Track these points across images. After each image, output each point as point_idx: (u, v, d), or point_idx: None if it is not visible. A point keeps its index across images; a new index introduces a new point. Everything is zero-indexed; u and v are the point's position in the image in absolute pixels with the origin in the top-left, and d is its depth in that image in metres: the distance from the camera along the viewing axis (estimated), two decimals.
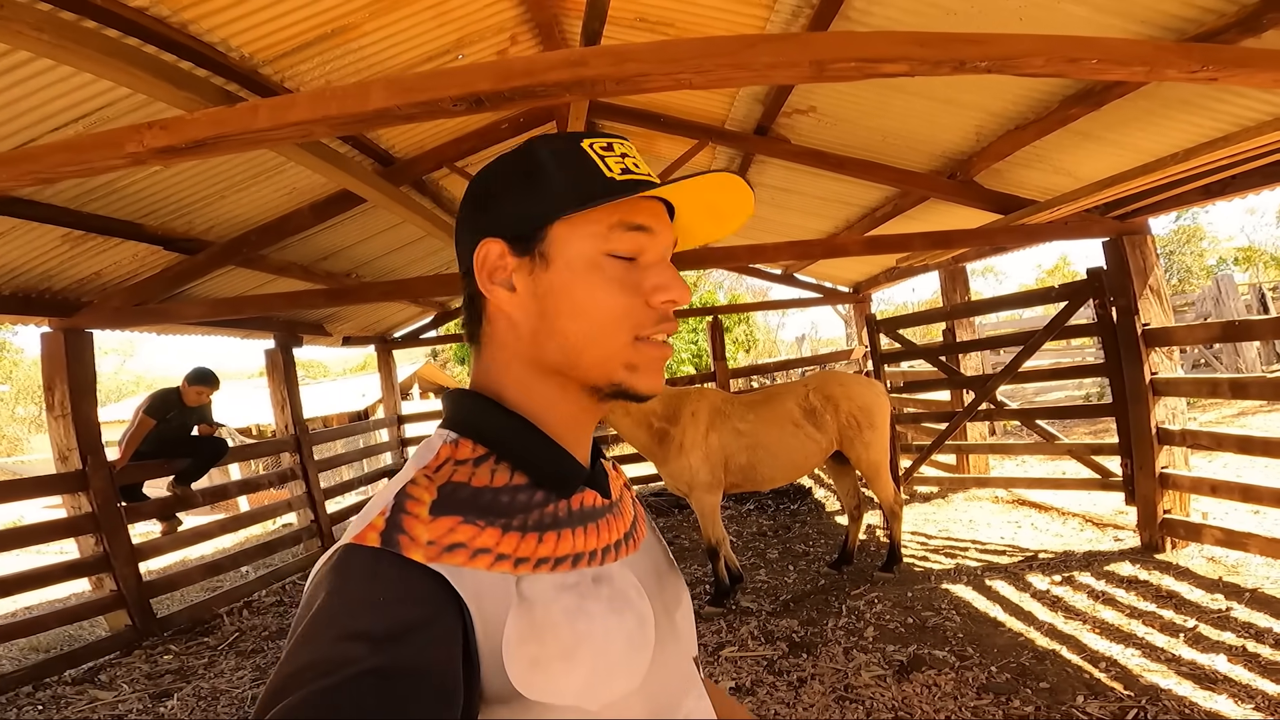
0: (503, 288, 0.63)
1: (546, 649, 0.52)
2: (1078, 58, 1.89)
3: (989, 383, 5.50)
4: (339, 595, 0.48)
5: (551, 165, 0.62)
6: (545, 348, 0.62)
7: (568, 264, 0.61)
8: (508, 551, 0.54)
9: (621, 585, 0.60)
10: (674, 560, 0.74)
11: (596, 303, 0.60)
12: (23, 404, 23.38)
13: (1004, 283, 28.25)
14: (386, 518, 0.52)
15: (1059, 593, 3.70)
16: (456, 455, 0.59)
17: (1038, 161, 4.08)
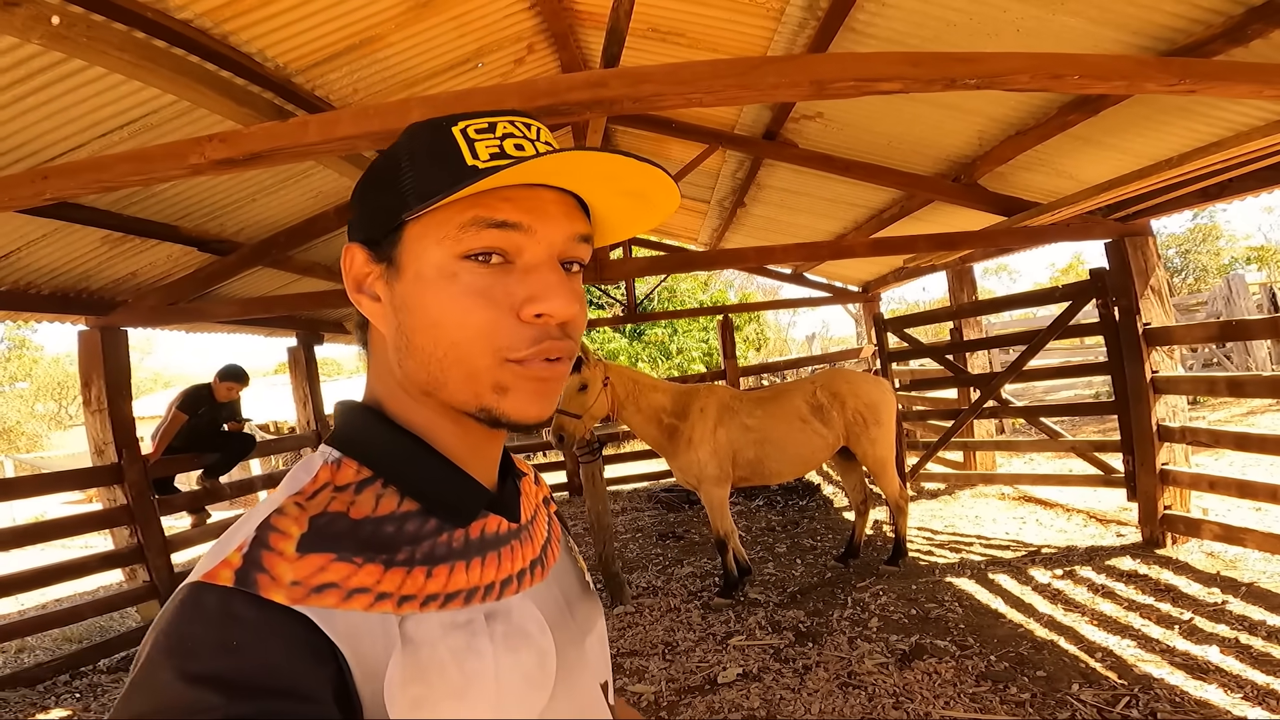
0: (368, 297, 0.57)
1: (433, 690, 0.47)
2: (1061, 74, 2.03)
3: (994, 381, 5.59)
4: (183, 637, 0.43)
5: (407, 158, 0.54)
6: (405, 364, 0.55)
7: (418, 273, 0.53)
8: (390, 590, 0.49)
9: (520, 620, 0.55)
10: (589, 583, 0.70)
11: (447, 319, 0.52)
12: (42, 401, 23.78)
13: (1018, 281, 28.27)
14: (244, 553, 0.46)
15: (1060, 586, 3.81)
16: (336, 480, 0.53)
17: (1040, 165, 4.18)
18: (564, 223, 0.54)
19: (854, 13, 2.97)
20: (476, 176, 0.49)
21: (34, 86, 2.44)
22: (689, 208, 7.29)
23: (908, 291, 26.60)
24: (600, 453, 4.40)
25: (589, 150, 0.50)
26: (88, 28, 1.53)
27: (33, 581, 4.16)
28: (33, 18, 1.40)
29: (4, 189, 1.97)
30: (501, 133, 0.54)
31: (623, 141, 5.80)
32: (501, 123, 0.55)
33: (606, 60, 2.08)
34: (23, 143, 2.80)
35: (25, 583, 4.12)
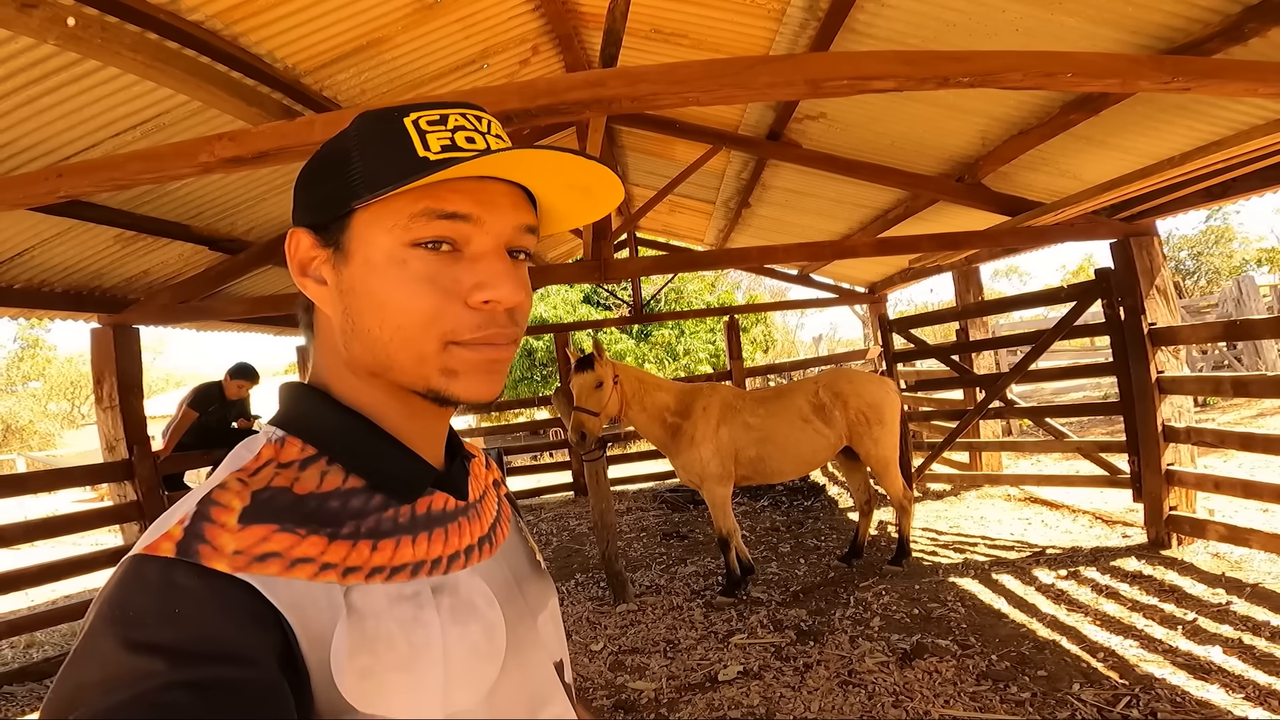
0: (314, 280, 0.58)
1: (380, 661, 0.48)
2: (1054, 72, 2.04)
3: (1000, 381, 5.59)
4: (124, 607, 0.43)
5: (356, 146, 0.55)
6: (352, 347, 0.56)
7: (366, 259, 0.54)
8: (334, 561, 0.49)
9: (467, 594, 0.56)
10: (540, 562, 0.71)
11: (397, 303, 0.53)
12: (55, 400, 24.05)
13: (1028, 283, 28.07)
14: (185, 526, 0.46)
15: (1063, 587, 3.80)
16: (280, 457, 0.54)
17: (1043, 165, 4.18)
18: (511, 214, 0.56)
19: (854, 13, 2.99)
20: (428, 168, 0.51)
21: (49, 86, 2.50)
22: (695, 208, 7.32)
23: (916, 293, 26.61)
24: (605, 451, 4.42)
25: (538, 149, 0.52)
26: (102, 29, 1.57)
27: (41, 577, 4.20)
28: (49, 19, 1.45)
29: (20, 187, 2.02)
30: (453, 125, 0.55)
31: (628, 142, 5.83)
32: (453, 114, 0.56)
33: (604, 60, 2.11)
34: (39, 141, 2.86)
35: (34, 578, 4.15)
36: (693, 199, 6.96)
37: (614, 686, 3.22)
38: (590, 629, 3.97)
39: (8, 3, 1.40)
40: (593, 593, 4.61)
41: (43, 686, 3.92)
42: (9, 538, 4.01)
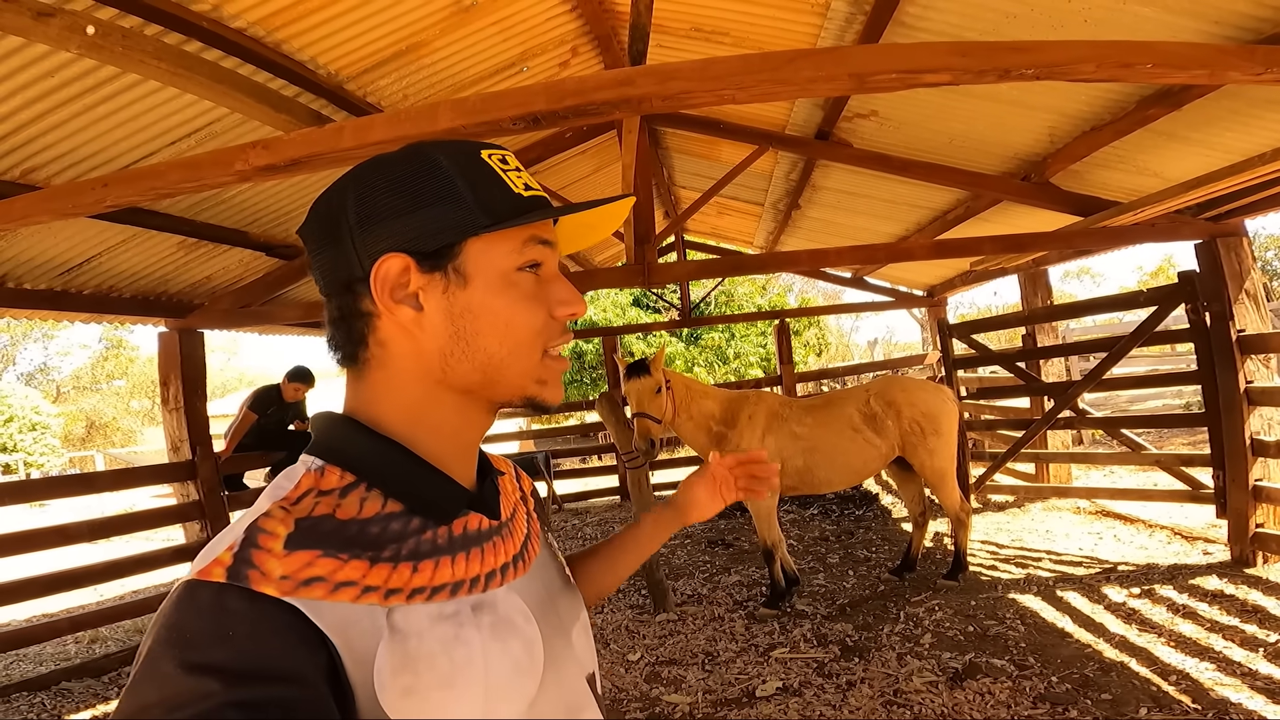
0: (407, 306, 0.59)
1: (421, 679, 0.50)
2: (1131, 63, 1.87)
3: (1070, 390, 5.29)
4: (181, 630, 0.45)
5: (459, 178, 0.59)
6: (459, 368, 0.60)
7: (488, 282, 0.59)
8: (376, 584, 0.52)
9: (506, 611, 0.58)
10: (570, 577, 0.74)
11: (517, 320, 0.60)
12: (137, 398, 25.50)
13: (1101, 285, 26.67)
14: (234, 552, 0.49)
15: (1136, 605, 3.57)
16: (321, 485, 0.56)
17: (1119, 162, 3.93)
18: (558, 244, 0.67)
19: (904, 5, 2.85)
20: (532, 205, 0.61)
21: (103, 95, 2.59)
22: (743, 210, 7.19)
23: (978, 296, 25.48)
24: (652, 457, 4.36)
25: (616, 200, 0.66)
26: (123, 36, 1.60)
27: (108, 573, 4.36)
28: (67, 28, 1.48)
29: (68, 196, 2.09)
30: (513, 165, 0.64)
31: (672, 143, 5.77)
32: (507, 156, 0.64)
33: (633, 58, 2.05)
34: (98, 150, 2.98)
35: (100, 574, 4.31)
36: (741, 201, 6.84)
37: (648, 699, 3.15)
38: (629, 638, 3.91)
39: (23, 12, 1.43)
40: (633, 600, 4.55)
41: (100, 683, 4.03)
42: (75, 535, 4.17)
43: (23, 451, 18.25)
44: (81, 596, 5.78)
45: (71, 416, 23.44)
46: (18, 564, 4.37)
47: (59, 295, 4.06)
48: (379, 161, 0.61)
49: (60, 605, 5.55)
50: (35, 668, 4.32)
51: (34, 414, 19.21)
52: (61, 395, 25.07)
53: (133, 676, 0.45)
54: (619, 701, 3.16)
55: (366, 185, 0.60)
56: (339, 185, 0.61)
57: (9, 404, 18.73)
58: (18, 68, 2.33)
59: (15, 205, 2.22)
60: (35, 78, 2.40)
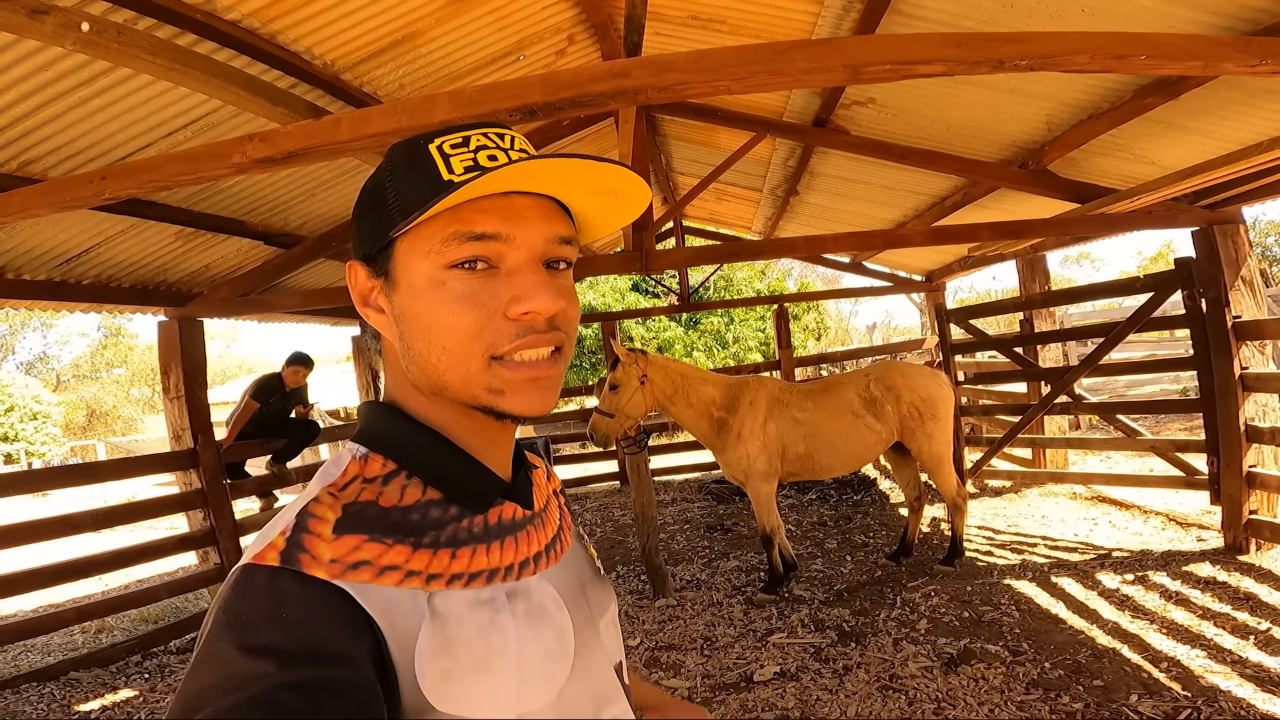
0: (374, 310, 0.61)
1: (459, 663, 0.52)
2: (1125, 54, 1.88)
3: (1067, 375, 5.31)
4: (239, 613, 0.47)
5: (390, 177, 0.58)
6: (410, 370, 0.60)
7: (410, 284, 0.57)
8: (418, 568, 0.53)
9: (539, 599, 0.59)
10: (600, 569, 0.74)
11: (440, 324, 0.56)
12: (137, 386, 25.54)
13: (1100, 270, 26.59)
14: (287, 537, 0.51)
15: (1129, 592, 3.61)
16: (365, 472, 0.58)
17: (1117, 150, 3.92)
18: (541, 226, 0.58)
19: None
20: (450, 190, 0.53)
21: (99, 88, 2.59)
22: (742, 196, 7.18)
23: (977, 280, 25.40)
24: (645, 445, 4.39)
25: (548, 157, 0.54)
26: (118, 33, 1.60)
27: (113, 563, 4.36)
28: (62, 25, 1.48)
29: (66, 189, 2.09)
30: (475, 145, 0.58)
31: (670, 130, 5.75)
32: (475, 135, 0.58)
33: (628, 49, 2.05)
34: (95, 142, 2.98)
35: (105, 564, 4.32)
36: (739, 187, 6.83)
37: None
38: (628, 623, 3.95)
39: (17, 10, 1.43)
40: (633, 586, 4.60)
41: (108, 673, 4.03)
42: (80, 525, 4.16)
43: (24, 441, 18.29)
44: (87, 586, 5.78)
45: (72, 405, 23.49)
46: (23, 554, 4.38)
47: (59, 286, 4.06)
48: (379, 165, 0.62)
49: (66, 595, 5.56)
50: (43, 658, 4.33)
51: (34, 403, 19.23)
52: (62, 384, 25.12)
53: (194, 658, 0.46)
54: None
55: (362, 191, 0.62)
56: None
57: (9, 393, 18.75)
58: (13, 61, 2.33)
59: (13, 199, 2.22)
60: (31, 70, 2.39)
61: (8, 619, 4.80)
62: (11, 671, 4.06)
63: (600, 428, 4.08)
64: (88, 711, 3.50)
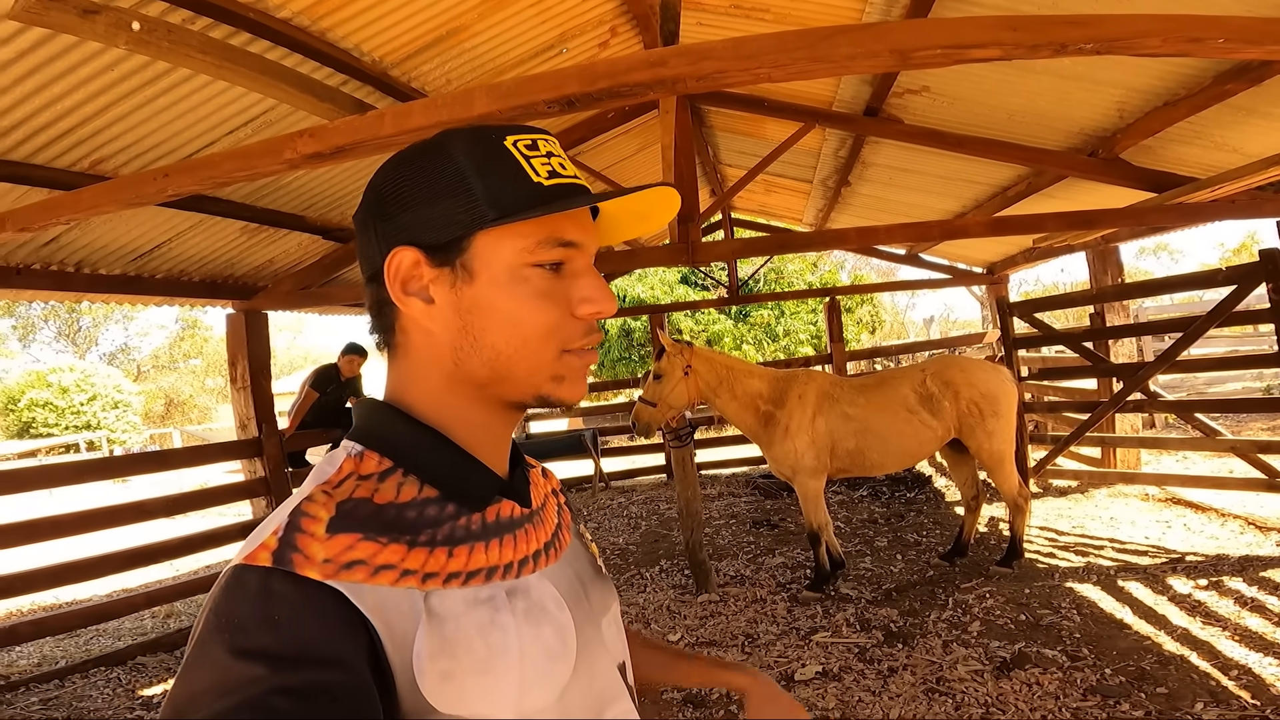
0: (418, 299, 0.60)
1: (459, 663, 0.51)
2: (1201, 37, 1.74)
3: (1141, 371, 5.06)
4: (230, 615, 0.47)
5: (471, 168, 0.58)
6: (468, 362, 0.60)
7: (493, 278, 0.58)
8: (414, 567, 0.53)
9: (539, 597, 0.59)
10: (602, 567, 0.74)
11: (524, 318, 0.58)
12: (211, 376, 26.82)
13: (1179, 263, 25.17)
14: (279, 536, 0.50)
15: (1201, 597, 3.43)
16: (360, 470, 0.57)
17: (1196, 138, 3.71)
18: (596, 238, 0.64)
19: None
20: (552, 196, 0.58)
21: (163, 88, 2.71)
22: (791, 188, 7.05)
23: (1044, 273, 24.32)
24: (690, 439, 4.37)
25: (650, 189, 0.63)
26: (168, 32, 1.67)
27: (182, 549, 4.54)
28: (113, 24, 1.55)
29: (132, 187, 2.19)
30: (544, 150, 0.60)
31: (716, 121, 5.68)
32: (540, 140, 0.61)
33: (664, 37, 2.02)
34: (162, 141, 3.11)
35: (175, 550, 4.50)
36: (788, 178, 6.70)
37: None
38: (670, 618, 3.94)
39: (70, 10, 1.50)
40: (676, 580, 4.59)
41: (173, 658, 4.16)
42: (152, 511, 4.37)
43: (106, 429, 19.38)
44: (159, 571, 6.00)
45: (151, 395, 24.79)
46: (99, 540, 4.55)
47: (134, 280, 4.28)
48: (405, 153, 0.61)
49: (139, 580, 5.80)
50: (113, 643, 4.46)
51: (116, 392, 20.35)
52: (141, 374, 26.55)
53: (185, 661, 0.46)
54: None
55: (391, 177, 0.60)
56: (373, 176, 0.62)
57: (92, 383, 19.86)
58: (80, 61, 2.45)
59: (84, 195, 2.34)
60: (98, 70, 2.51)
61: (81, 604, 5.03)
62: (82, 656, 4.19)
63: (643, 416, 4.08)
64: (150, 696, 3.61)
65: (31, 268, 3.69)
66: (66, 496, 9.88)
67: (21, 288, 3.71)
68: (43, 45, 2.30)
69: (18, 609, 5.42)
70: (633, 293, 14.13)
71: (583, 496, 7.68)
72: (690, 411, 4.37)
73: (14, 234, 2.56)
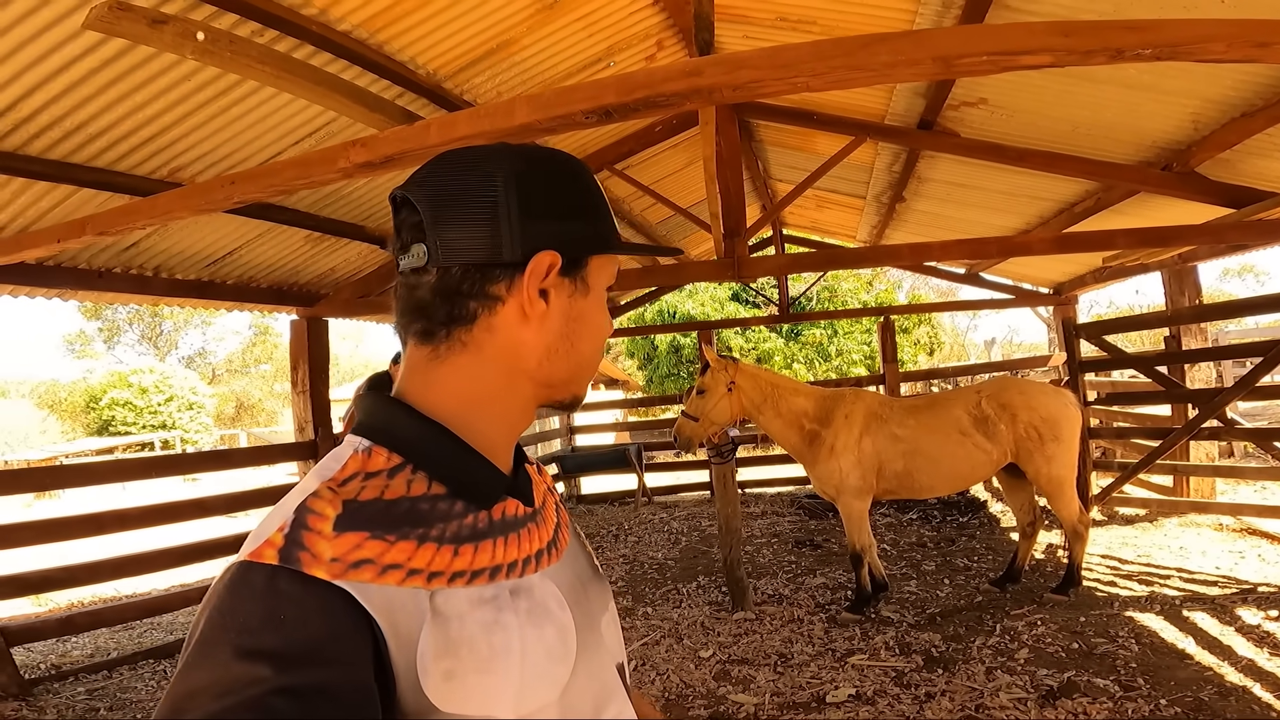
0: (540, 301, 0.62)
1: (462, 663, 0.51)
2: (1269, 42, 1.66)
3: (1218, 398, 4.79)
4: (234, 614, 0.46)
5: (596, 197, 0.67)
6: (557, 364, 0.64)
7: (597, 295, 0.67)
8: (420, 566, 0.53)
9: (541, 597, 0.59)
10: (599, 567, 0.75)
11: (602, 332, 0.68)
12: (279, 381, 27.94)
13: (1265, 284, 23.69)
14: (285, 534, 0.50)
15: (1271, 629, 3.27)
16: (368, 466, 0.57)
17: (1277, 150, 3.51)
18: None
19: None
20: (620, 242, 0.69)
21: (234, 99, 2.88)
22: (844, 203, 6.95)
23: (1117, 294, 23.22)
24: (732, 456, 4.34)
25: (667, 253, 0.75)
26: (230, 42, 1.78)
27: (238, 546, 4.73)
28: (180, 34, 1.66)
29: (201, 194, 2.34)
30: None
31: (765, 135, 5.67)
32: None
33: (700, 48, 2.05)
34: (232, 151, 3.29)
35: (231, 546, 4.57)
36: (840, 194, 6.61)
37: (714, 697, 3.14)
38: (703, 634, 3.90)
39: (139, 19, 1.62)
40: (712, 597, 4.54)
41: None
42: (211, 508, 4.55)
43: (180, 429, 20.34)
44: (215, 567, 6.23)
45: (224, 397, 25.96)
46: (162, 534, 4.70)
47: (206, 285, 4.51)
48: (531, 158, 0.63)
49: (197, 576, 5.88)
50: (165, 636, 4.56)
51: (191, 394, 21.36)
52: (216, 377, 27.87)
53: (186, 658, 0.45)
54: (684, 697, 3.16)
55: (525, 180, 0.61)
56: (484, 169, 0.61)
57: (170, 384, 20.87)
58: (157, 72, 2.62)
59: (159, 202, 2.51)
60: (174, 82, 2.69)
61: (139, 596, 5.18)
62: (134, 648, 4.30)
63: (684, 431, 4.09)
64: None
65: (113, 271, 3.94)
66: (138, 491, 10.40)
67: (103, 290, 3.96)
68: (123, 55, 2.47)
69: (79, 600, 5.63)
70: (682, 309, 14.13)
71: (625, 510, 7.69)
72: (736, 429, 4.34)
73: (96, 237, 2.76)
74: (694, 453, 4.40)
